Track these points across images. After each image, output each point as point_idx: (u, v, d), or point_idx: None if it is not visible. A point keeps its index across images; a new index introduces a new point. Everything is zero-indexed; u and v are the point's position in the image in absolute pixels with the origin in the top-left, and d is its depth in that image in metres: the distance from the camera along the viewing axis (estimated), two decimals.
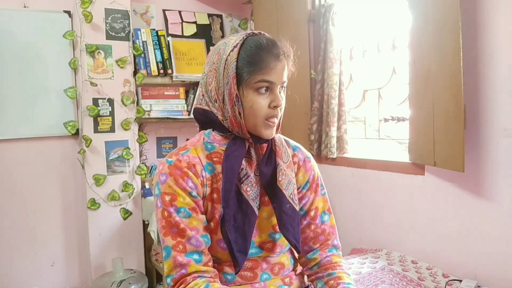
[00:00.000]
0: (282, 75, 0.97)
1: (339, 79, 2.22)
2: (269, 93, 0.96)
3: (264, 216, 1.04)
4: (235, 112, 0.95)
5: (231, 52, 0.95)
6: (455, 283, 1.62)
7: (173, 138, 2.92)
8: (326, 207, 1.13)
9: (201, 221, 0.96)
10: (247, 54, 0.95)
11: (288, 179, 1.02)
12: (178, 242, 0.93)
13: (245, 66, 0.94)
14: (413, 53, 1.78)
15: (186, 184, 0.95)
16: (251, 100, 0.95)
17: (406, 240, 1.94)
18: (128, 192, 2.56)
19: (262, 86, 0.95)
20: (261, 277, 1.04)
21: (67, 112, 2.51)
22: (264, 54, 0.94)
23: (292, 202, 1.01)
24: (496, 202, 1.56)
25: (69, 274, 2.61)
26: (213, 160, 1.00)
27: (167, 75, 2.70)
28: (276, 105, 0.96)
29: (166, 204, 0.94)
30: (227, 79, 0.95)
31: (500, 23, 1.50)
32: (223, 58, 0.96)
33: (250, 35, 0.98)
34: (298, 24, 2.42)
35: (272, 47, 0.96)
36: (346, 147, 2.27)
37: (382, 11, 2.15)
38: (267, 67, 0.94)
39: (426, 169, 1.82)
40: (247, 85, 0.95)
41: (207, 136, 1.03)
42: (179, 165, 0.96)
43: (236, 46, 0.95)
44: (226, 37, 1.03)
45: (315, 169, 1.14)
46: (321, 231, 1.10)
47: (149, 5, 2.82)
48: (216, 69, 0.97)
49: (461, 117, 1.50)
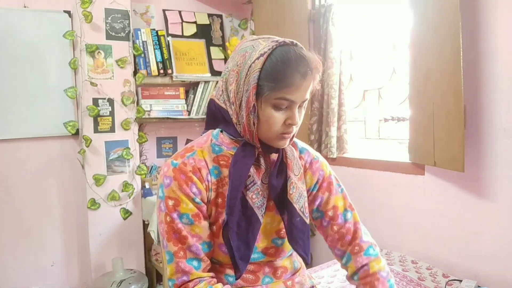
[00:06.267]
0: (305, 94, 0.92)
1: (339, 79, 2.22)
2: (287, 110, 0.92)
3: (268, 221, 1.02)
4: (249, 120, 0.92)
5: (257, 60, 0.89)
6: (455, 283, 1.62)
7: (173, 138, 2.92)
8: (347, 204, 1.09)
9: (203, 228, 0.95)
10: (271, 67, 0.88)
11: (299, 192, 0.99)
12: (180, 249, 0.93)
13: (267, 80, 0.88)
14: (413, 53, 1.78)
15: (190, 189, 0.93)
16: (267, 115, 0.91)
17: (406, 240, 1.94)
18: (128, 192, 2.56)
19: (282, 104, 0.90)
20: (263, 280, 1.03)
21: (67, 112, 2.51)
22: (289, 71, 0.88)
23: (302, 215, 0.99)
24: (496, 202, 1.56)
25: (69, 274, 2.61)
26: (220, 163, 0.98)
27: (167, 75, 2.70)
28: (291, 123, 0.92)
29: (169, 209, 0.93)
30: (247, 87, 0.90)
31: (500, 23, 1.50)
32: (247, 64, 0.90)
33: (280, 44, 0.91)
34: (298, 24, 2.42)
35: (299, 64, 0.89)
36: (346, 147, 2.27)
37: (382, 11, 2.15)
38: (290, 86, 0.88)
39: (426, 169, 1.82)
40: (266, 99, 0.90)
41: (215, 138, 1.00)
42: (184, 169, 0.94)
43: (263, 55, 0.89)
44: (256, 38, 0.96)
45: (324, 169, 1.10)
46: (346, 231, 1.06)
47: (149, 5, 2.81)
48: (238, 72, 0.92)
49: (461, 117, 1.50)
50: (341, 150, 2.27)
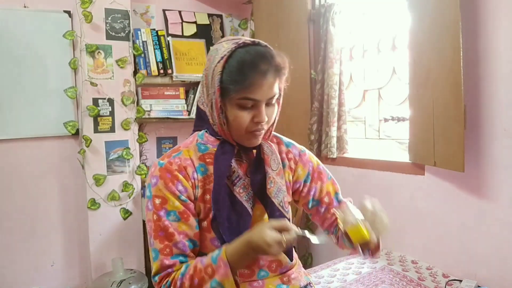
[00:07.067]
0: (269, 92, 0.94)
1: (339, 79, 2.22)
2: (253, 108, 0.94)
3: (258, 213, 1.05)
4: (220, 121, 0.97)
5: (218, 64, 0.93)
6: (455, 283, 1.62)
7: (173, 138, 2.92)
8: (336, 188, 1.17)
9: (190, 226, 0.97)
10: (231, 70, 0.92)
11: (278, 187, 1.03)
12: (166, 246, 0.95)
13: (229, 82, 0.92)
14: (413, 53, 1.78)
15: (175, 187, 0.96)
16: (234, 114, 0.94)
17: (406, 240, 1.94)
18: (128, 192, 2.56)
19: (246, 103, 0.93)
20: (258, 274, 1.05)
21: (67, 112, 2.51)
22: (248, 72, 0.90)
23: (282, 210, 1.02)
24: (496, 202, 1.56)
25: (69, 274, 2.61)
26: (206, 161, 1.01)
27: (167, 75, 2.70)
28: (258, 121, 0.95)
29: (156, 207, 0.96)
30: (213, 89, 0.95)
31: (500, 23, 1.50)
32: (211, 67, 0.95)
33: (240, 46, 0.93)
34: (298, 24, 2.42)
35: (259, 63, 0.91)
36: (346, 147, 2.27)
37: (382, 11, 2.15)
38: (250, 86, 0.91)
39: (426, 169, 1.82)
40: (231, 100, 0.93)
41: (200, 138, 1.04)
42: (170, 168, 0.97)
43: (223, 58, 0.92)
44: (222, 41, 0.99)
45: (312, 160, 1.16)
46: None
47: (149, 5, 2.81)
48: (206, 76, 0.98)
49: (461, 117, 1.50)
50: (341, 150, 2.27)
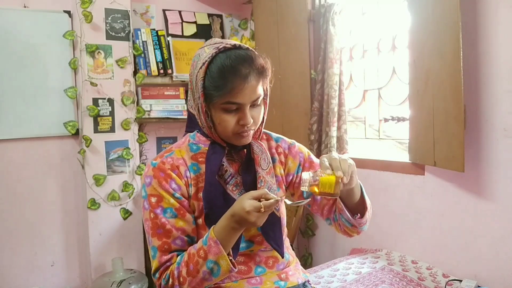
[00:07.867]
0: (252, 95, 0.94)
1: (339, 79, 2.22)
2: (238, 111, 0.96)
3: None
4: (207, 124, 0.99)
5: (200, 69, 0.94)
6: (455, 283, 1.62)
7: (173, 138, 2.92)
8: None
9: (187, 222, 0.99)
10: (212, 75, 0.93)
11: (268, 185, 1.04)
12: (164, 243, 0.97)
13: (211, 88, 0.93)
14: (413, 53, 1.78)
15: (169, 186, 0.98)
16: (219, 118, 0.97)
17: (406, 240, 1.94)
18: (128, 192, 2.56)
19: (230, 107, 0.95)
20: (255, 271, 1.06)
21: (67, 112, 2.51)
22: (229, 76, 0.91)
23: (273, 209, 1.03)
24: (496, 202, 1.56)
25: (69, 274, 2.61)
26: (198, 160, 1.04)
27: (167, 75, 2.70)
28: (243, 123, 0.96)
29: (152, 206, 0.98)
30: (197, 94, 0.97)
31: (500, 23, 1.50)
32: (194, 73, 0.97)
33: (221, 51, 0.94)
34: (298, 24, 2.42)
35: (239, 67, 0.92)
36: (346, 147, 2.27)
37: (382, 11, 2.15)
38: (232, 91, 0.92)
39: (426, 169, 1.82)
40: (215, 105, 0.95)
41: (192, 138, 1.07)
42: (163, 167, 1.00)
43: (204, 64, 0.94)
44: (204, 45, 1.00)
45: (303, 150, 1.18)
46: None
47: (149, 5, 2.81)
48: (191, 81, 1.00)
49: (461, 117, 1.50)
50: (341, 150, 2.27)
